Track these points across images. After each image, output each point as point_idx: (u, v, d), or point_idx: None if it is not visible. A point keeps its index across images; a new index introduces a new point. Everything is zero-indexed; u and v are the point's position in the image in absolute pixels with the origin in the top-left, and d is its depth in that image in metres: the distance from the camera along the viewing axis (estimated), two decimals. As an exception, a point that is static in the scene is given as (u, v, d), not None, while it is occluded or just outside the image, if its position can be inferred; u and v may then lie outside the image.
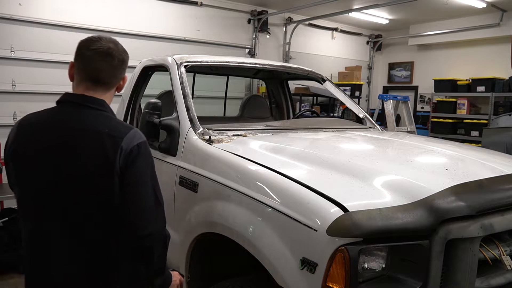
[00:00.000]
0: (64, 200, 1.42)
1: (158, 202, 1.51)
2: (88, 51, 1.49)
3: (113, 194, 1.41)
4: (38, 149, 1.43)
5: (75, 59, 1.52)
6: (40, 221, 1.45)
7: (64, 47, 5.76)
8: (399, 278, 1.55)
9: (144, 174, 1.46)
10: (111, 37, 1.58)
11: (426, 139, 2.94)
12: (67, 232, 1.43)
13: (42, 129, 1.46)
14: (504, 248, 1.69)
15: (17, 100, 5.49)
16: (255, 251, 1.78)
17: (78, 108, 1.47)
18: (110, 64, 1.51)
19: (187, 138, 2.47)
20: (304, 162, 2.02)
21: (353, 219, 1.49)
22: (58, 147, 1.41)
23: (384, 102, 7.15)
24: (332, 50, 9.27)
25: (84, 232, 1.44)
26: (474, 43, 8.35)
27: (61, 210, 1.42)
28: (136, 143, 1.44)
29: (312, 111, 4.88)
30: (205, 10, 7.26)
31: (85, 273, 1.45)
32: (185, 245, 2.28)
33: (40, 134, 1.45)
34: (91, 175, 1.40)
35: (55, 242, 1.44)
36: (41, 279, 1.48)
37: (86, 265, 1.45)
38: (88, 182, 1.40)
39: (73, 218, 1.43)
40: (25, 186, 1.47)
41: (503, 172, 1.99)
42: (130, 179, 1.42)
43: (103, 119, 1.47)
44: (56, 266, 1.45)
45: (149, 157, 1.50)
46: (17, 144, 1.47)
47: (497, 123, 6.54)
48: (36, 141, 1.44)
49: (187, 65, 2.94)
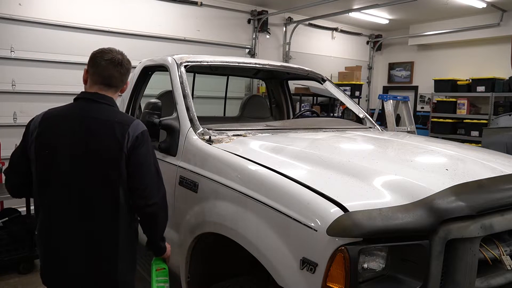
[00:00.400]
0: (81, 172, 1.78)
1: (159, 177, 1.93)
2: (103, 61, 1.87)
3: (120, 169, 1.78)
4: (61, 133, 1.81)
5: (89, 66, 1.91)
6: (57, 191, 1.81)
7: (64, 47, 5.77)
8: (399, 278, 1.55)
9: (148, 156, 1.87)
10: (117, 49, 1.95)
11: (426, 139, 2.94)
12: (78, 203, 1.79)
13: (64, 118, 1.85)
14: (504, 248, 1.70)
15: (17, 100, 5.49)
16: (255, 251, 1.78)
17: (93, 102, 1.86)
18: (120, 72, 1.91)
19: (187, 138, 2.47)
20: (304, 162, 2.02)
21: (353, 219, 1.49)
22: (80, 130, 1.80)
23: (384, 102, 7.15)
24: (332, 50, 9.27)
25: (93, 202, 1.80)
26: (474, 43, 8.35)
27: (80, 183, 1.78)
28: (140, 131, 1.85)
29: (312, 111, 4.88)
30: (205, 10, 7.26)
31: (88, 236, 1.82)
32: (185, 245, 2.28)
33: (63, 122, 1.83)
34: (106, 149, 1.78)
35: (68, 211, 1.80)
36: (56, 241, 1.83)
37: (92, 231, 1.81)
38: (102, 156, 1.78)
39: (91, 190, 1.79)
40: (48, 163, 1.80)
41: (503, 172, 1.99)
42: (136, 160, 1.81)
43: (113, 111, 1.89)
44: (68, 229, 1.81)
45: (150, 142, 1.92)
46: (42, 129, 1.83)
47: (497, 123, 6.54)
48: (60, 127, 1.83)
49: (187, 65, 2.94)
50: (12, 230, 4.03)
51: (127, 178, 1.80)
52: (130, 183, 1.82)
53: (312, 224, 1.55)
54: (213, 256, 2.33)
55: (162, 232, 2.01)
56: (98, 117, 1.82)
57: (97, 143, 1.78)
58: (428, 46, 9.29)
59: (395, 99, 7.33)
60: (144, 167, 1.84)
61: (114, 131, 1.79)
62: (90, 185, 1.78)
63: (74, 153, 1.79)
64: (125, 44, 6.42)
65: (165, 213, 1.97)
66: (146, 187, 1.83)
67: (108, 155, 1.78)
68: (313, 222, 1.56)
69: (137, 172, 1.81)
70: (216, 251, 2.31)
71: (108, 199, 1.80)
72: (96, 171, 1.78)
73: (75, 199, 1.78)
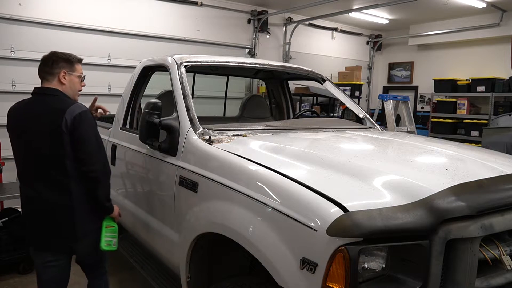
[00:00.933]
0: (35, 151, 2.33)
1: (100, 148, 2.39)
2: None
3: (63, 146, 2.26)
4: (21, 121, 2.39)
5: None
6: (25, 168, 2.42)
7: (64, 47, 5.68)
8: (399, 278, 1.55)
9: (89, 132, 2.33)
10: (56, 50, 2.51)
11: (426, 139, 2.94)
12: (40, 172, 2.34)
13: (20, 109, 2.45)
14: (504, 248, 1.70)
15: (17, 100, 5.48)
16: (255, 251, 1.78)
17: (40, 95, 2.44)
18: (47, 66, 2.50)
19: (187, 138, 2.47)
20: (304, 162, 2.02)
21: (353, 219, 1.49)
22: (30, 118, 2.35)
23: (384, 102, 7.15)
24: (332, 50, 9.27)
25: (50, 172, 2.32)
26: (474, 43, 8.35)
27: (34, 158, 2.34)
28: (78, 112, 2.29)
29: (312, 111, 4.88)
30: (205, 10, 7.26)
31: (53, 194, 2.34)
32: (185, 245, 2.28)
33: (22, 113, 2.42)
34: (49, 132, 2.28)
35: (35, 179, 2.36)
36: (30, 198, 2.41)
37: (52, 190, 2.34)
38: (47, 137, 2.28)
39: (42, 163, 2.32)
40: (15, 146, 2.43)
41: (503, 172, 1.99)
42: (78, 136, 2.28)
43: (55, 99, 2.38)
44: (39, 191, 2.35)
45: (90, 120, 2.37)
46: (9, 119, 2.45)
47: (497, 123, 6.54)
48: (19, 117, 2.41)
49: (187, 65, 2.94)
50: (12, 230, 4.03)
51: (74, 151, 2.28)
52: (76, 154, 2.29)
53: (312, 224, 1.55)
54: (213, 256, 2.33)
55: (105, 194, 2.42)
56: (42, 106, 2.35)
57: (42, 126, 2.29)
58: (428, 46, 9.30)
59: (395, 99, 7.33)
60: (85, 141, 2.29)
61: (52, 114, 2.28)
62: (42, 158, 2.31)
63: (27, 135, 2.35)
64: (125, 44, 6.43)
65: (106, 178, 2.41)
66: (87, 156, 2.29)
67: (50, 135, 2.26)
68: (313, 222, 1.55)
69: (79, 145, 2.28)
70: (216, 251, 2.31)
71: (57, 169, 2.29)
72: (44, 148, 2.30)
73: (36, 172, 2.35)
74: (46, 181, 2.32)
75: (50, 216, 2.34)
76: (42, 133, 2.29)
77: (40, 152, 2.30)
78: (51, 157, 2.29)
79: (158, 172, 2.73)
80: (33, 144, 2.32)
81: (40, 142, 2.30)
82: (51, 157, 2.29)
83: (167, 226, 2.58)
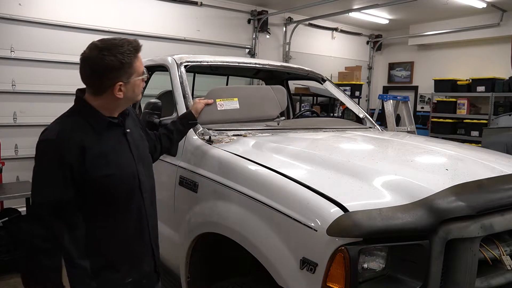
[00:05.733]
0: None
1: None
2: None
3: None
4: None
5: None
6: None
7: (64, 47, 5.76)
8: (399, 278, 1.55)
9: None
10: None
11: (426, 139, 2.94)
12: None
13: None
14: (504, 248, 1.69)
15: (17, 100, 5.48)
16: (255, 251, 1.78)
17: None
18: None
19: (187, 138, 2.47)
20: (304, 162, 2.02)
21: (353, 219, 1.49)
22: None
23: (384, 102, 7.14)
24: (332, 50, 9.26)
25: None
26: (474, 43, 8.35)
27: None
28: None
29: (312, 111, 4.88)
30: (205, 10, 7.26)
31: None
32: (185, 245, 2.28)
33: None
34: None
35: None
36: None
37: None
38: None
39: None
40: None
41: (503, 172, 1.99)
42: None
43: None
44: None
45: (40, 154, 1.64)
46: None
47: (497, 123, 6.54)
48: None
49: (187, 65, 2.94)
50: (12, 230, 4.03)
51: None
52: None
53: (312, 224, 1.55)
54: (213, 256, 2.33)
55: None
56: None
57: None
58: (428, 46, 9.29)
59: (395, 99, 7.32)
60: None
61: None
62: None
63: None
64: (125, 44, 6.41)
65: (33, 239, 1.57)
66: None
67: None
68: (313, 222, 1.56)
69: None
70: (216, 251, 2.31)
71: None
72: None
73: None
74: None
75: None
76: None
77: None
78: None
79: (158, 172, 2.72)
80: None
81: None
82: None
83: (167, 226, 2.58)
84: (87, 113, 1.68)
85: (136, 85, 1.71)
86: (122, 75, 1.65)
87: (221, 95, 2.65)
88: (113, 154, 1.69)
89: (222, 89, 2.73)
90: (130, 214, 1.74)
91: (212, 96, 2.61)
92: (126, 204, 1.73)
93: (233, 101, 2.64)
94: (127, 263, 1.75)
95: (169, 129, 2.29)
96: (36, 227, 1.56)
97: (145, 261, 1.84)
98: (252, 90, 3.00)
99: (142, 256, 1.82)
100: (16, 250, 3.98)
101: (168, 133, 2.27)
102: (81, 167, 1.59)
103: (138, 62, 1.70)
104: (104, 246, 1.69)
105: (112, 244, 1.71)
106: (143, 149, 1.89)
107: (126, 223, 1.74)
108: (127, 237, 1.75)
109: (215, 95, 2.63)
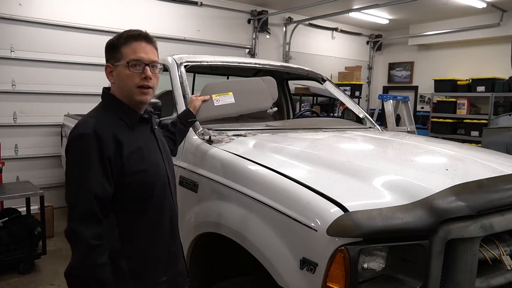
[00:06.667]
0: None
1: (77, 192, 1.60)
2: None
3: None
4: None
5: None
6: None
7: (64, 47, 5.77)
8: (399, 278, 1.55)
9: (69, 166, 1.57)
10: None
11: (426, 139, 2.94)
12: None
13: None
14: (504, 248, 1.70)
15: (17, 100, 5.49)
16: (255, 251, 1.78)
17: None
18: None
19: (187, 138, 2.47)
20: (304, 162, 2.02)
21: (353, 219, 1.49)
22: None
23: (384, 102, 7.14)
24: (332, 50, 9.27)
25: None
26: (474, 43, 8.35)
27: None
28: (71, 135, 1.58)
29: (312, 111, 4.88)
30: (205, 10, 7.26)
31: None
32: (185, 245, 2.28)
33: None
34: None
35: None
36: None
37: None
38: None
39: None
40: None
41: (503, 172, 1.99)
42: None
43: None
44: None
45: (77, 148, 1.55)
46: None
47: (497, 123, 6.54)
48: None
49: (187, 65, 2.94)
50: (12, 230, 4.03)
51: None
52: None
53: (312, 224, 1.55)
54: (213, 256, 2.33)
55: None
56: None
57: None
58: (428, 46, 9.29)
59: (395, 99, 7.33)
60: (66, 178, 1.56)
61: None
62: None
63: None
64: (125, 44, 6.42)
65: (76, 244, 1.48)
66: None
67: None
68: (313, 222, 1.56)
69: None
70: (216, 251, 2.30)
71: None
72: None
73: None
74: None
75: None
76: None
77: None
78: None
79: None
80: None
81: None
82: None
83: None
84: (118, 108, 1.64)
85: (124, 74, 1.61)
86: (110, 57, 1.65)
87: (216, 90, 2.65)
88: (146, 149, 1.64)
89: (216, 84, 2.74)
90: (164, 211, 1.69)
91: (207, 92, 2.60)
92: (161, 201, 1.68)
93: (228, 95, 2.65)
94: (164, 261, 1.69)
95: (170, 131, 2.29)
96: (90, 224, 1.47)
97: (179, 259, 1.79)
98: (244, 83, 2.98)
99: (176, 254, 1.78)
100: (17, 250, 3.98)
101: (170, 135, 2.27)
102: (118, 161, 1.53)
103: (129, 50, 1.61)
104: (141, 243, 1.62)
105: (150, 241, 1.64)
106: (167, 147, 1.88)
107: (161, 220, 1.68)
108: (164, 235, 1.69)
109: (210, 90, 2.63)
